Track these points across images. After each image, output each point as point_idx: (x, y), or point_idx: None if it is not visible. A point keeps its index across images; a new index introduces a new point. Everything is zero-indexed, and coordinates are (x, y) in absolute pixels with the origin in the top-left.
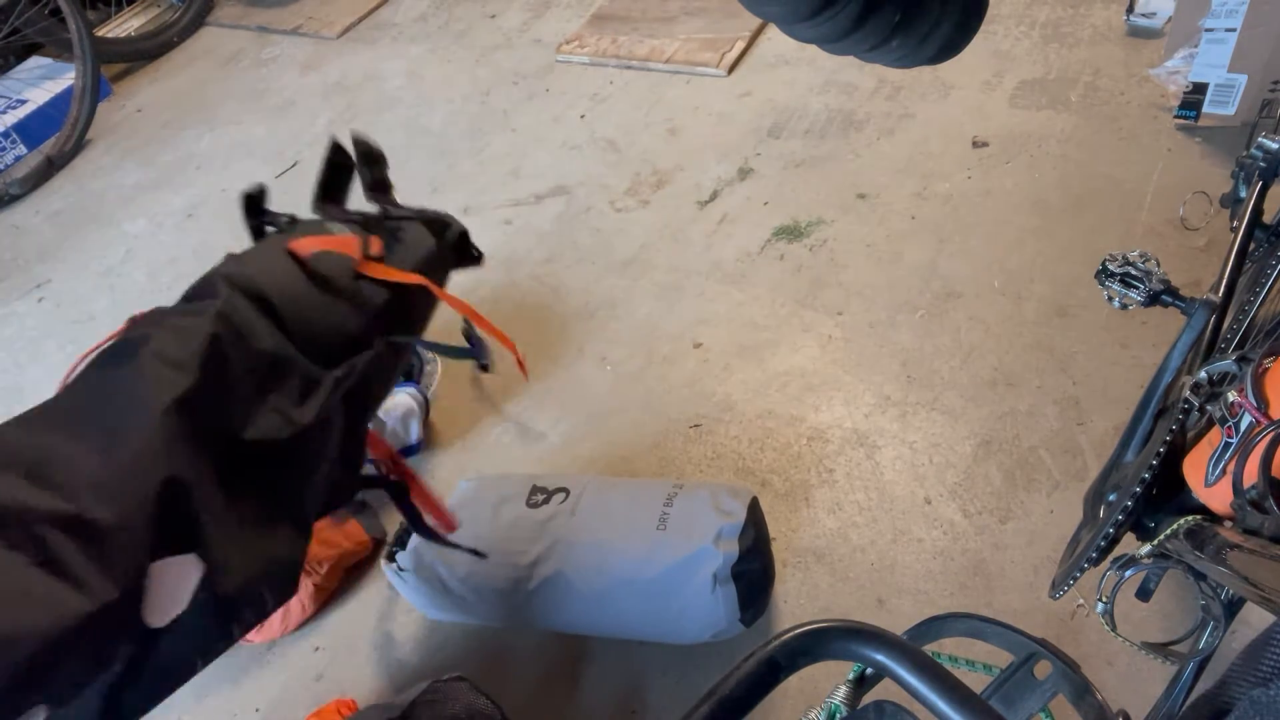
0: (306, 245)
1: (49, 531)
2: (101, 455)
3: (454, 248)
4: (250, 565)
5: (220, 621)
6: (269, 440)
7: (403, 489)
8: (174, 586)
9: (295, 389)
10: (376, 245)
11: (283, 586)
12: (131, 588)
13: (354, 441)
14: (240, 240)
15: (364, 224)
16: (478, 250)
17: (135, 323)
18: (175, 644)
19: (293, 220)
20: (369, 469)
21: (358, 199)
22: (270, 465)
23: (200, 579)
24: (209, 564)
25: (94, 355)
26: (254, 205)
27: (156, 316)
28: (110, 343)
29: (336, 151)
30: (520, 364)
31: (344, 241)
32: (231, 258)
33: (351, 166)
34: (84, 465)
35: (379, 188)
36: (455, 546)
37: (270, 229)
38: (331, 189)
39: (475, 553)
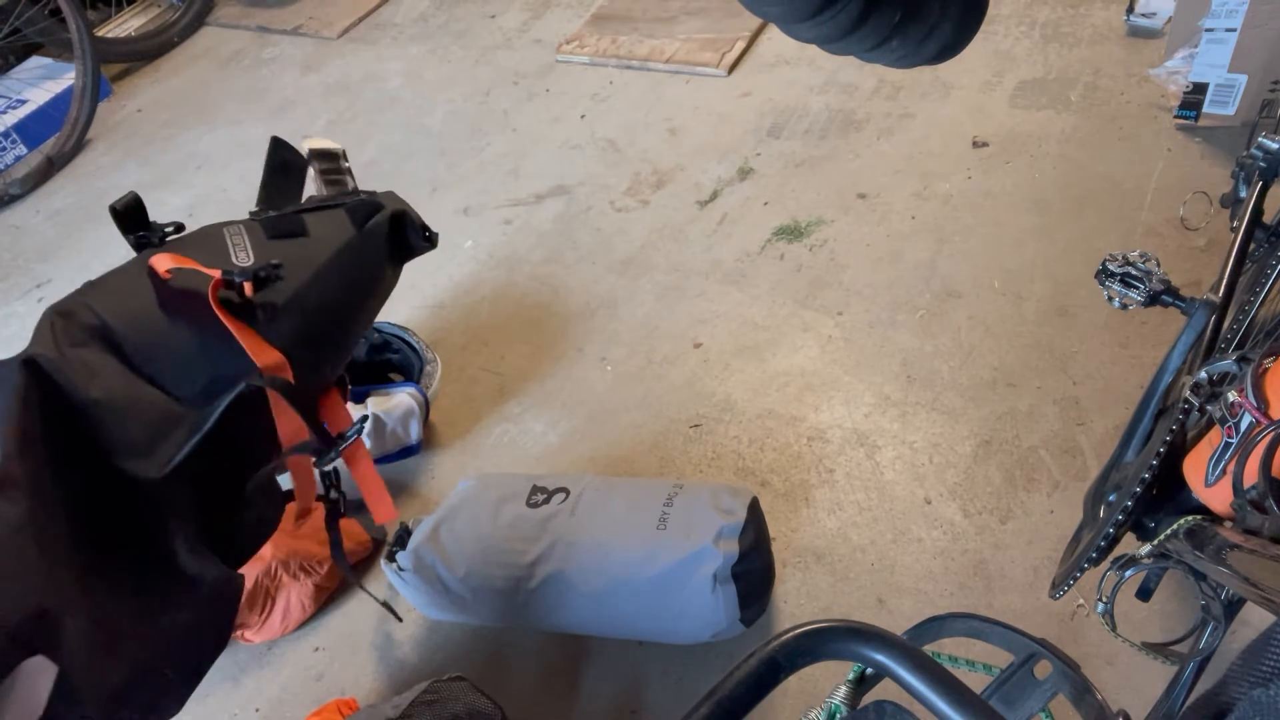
0: (165, 260)
1: None
2: None
3: (390, 234)
4: (109, 667)
5: None
6: (115, 498)
7: (338, 510)
8: (29, 693)
9: (140, 436)
10: (248, 289)
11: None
12: None
13: (245, 484)
14: None
15: (271, 222)
16: (429, 231)
17: None
18: None
19: (178, 228)
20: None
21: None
22: (122, 524)
23: (54, 683)
24: (61, 666)
25: None
26: (129, 219)
27: None
28: None
29: (276, 149)
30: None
31: (210, 271)
32: (88, 285)
33: (298, 163)
34: None
35: (331, 178)
36: (368, 593)
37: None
38: (274, 189)
39: (389, 610)
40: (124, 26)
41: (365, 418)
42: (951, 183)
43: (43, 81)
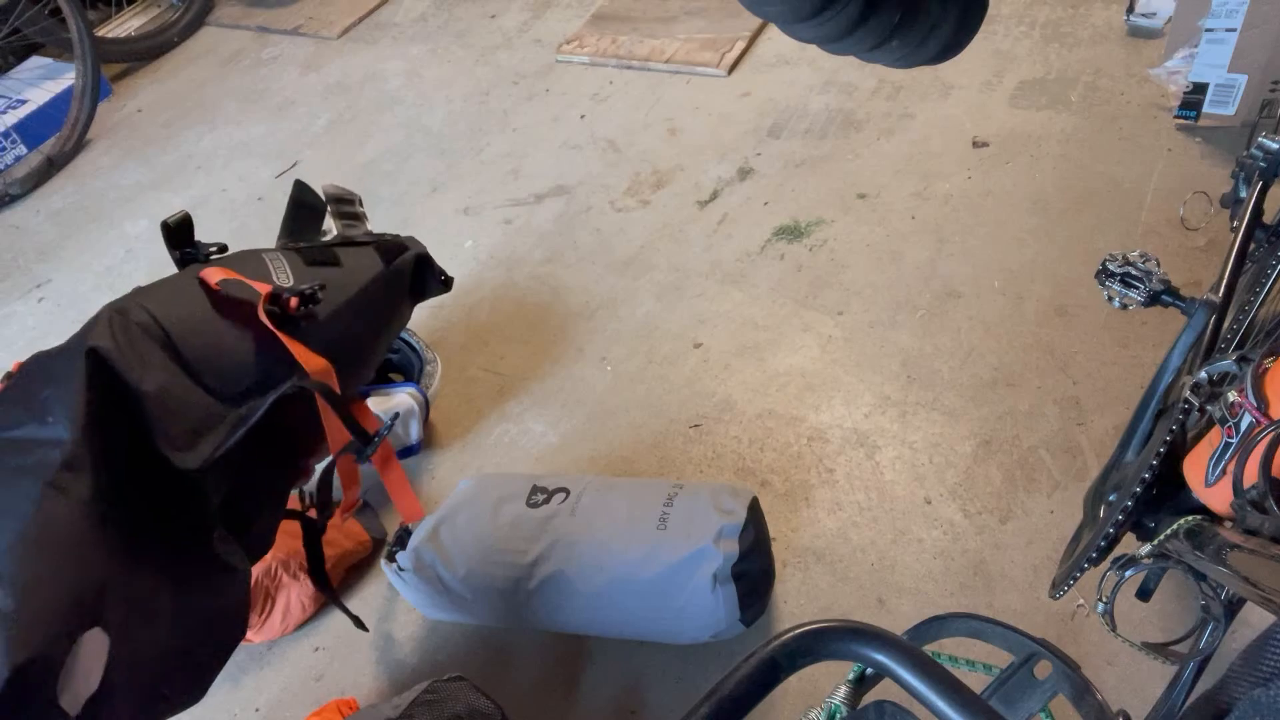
0: (216, 273)
1: None
2: None
3: (413, 271)
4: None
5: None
6: (159, 485)
7: (317, 529)
8: (87, 665)
9: (185, 429)
10: (293, 301)
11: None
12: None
13: (267, 487)
14: (241, 240)
15: (306, 251)
16: (445, 275)
17: (14, 374)
18: None
19: (221, 249)
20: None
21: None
22: (164, 509)
23: (108, 656)
24: (111, 638)
25: None
26: (178, 235)
27: (35, 365)
28: None
29: (300, 191)
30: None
31: (258, 285)
32: (138, 290)
33: (317, 205)
34: None
35: (347, 220)
36: (345, 610)
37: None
38: (297, 225)
39: (356, 621)
40: (124, 26)
41: (396, 415)
42: (951, 183)
43: (43, 81)
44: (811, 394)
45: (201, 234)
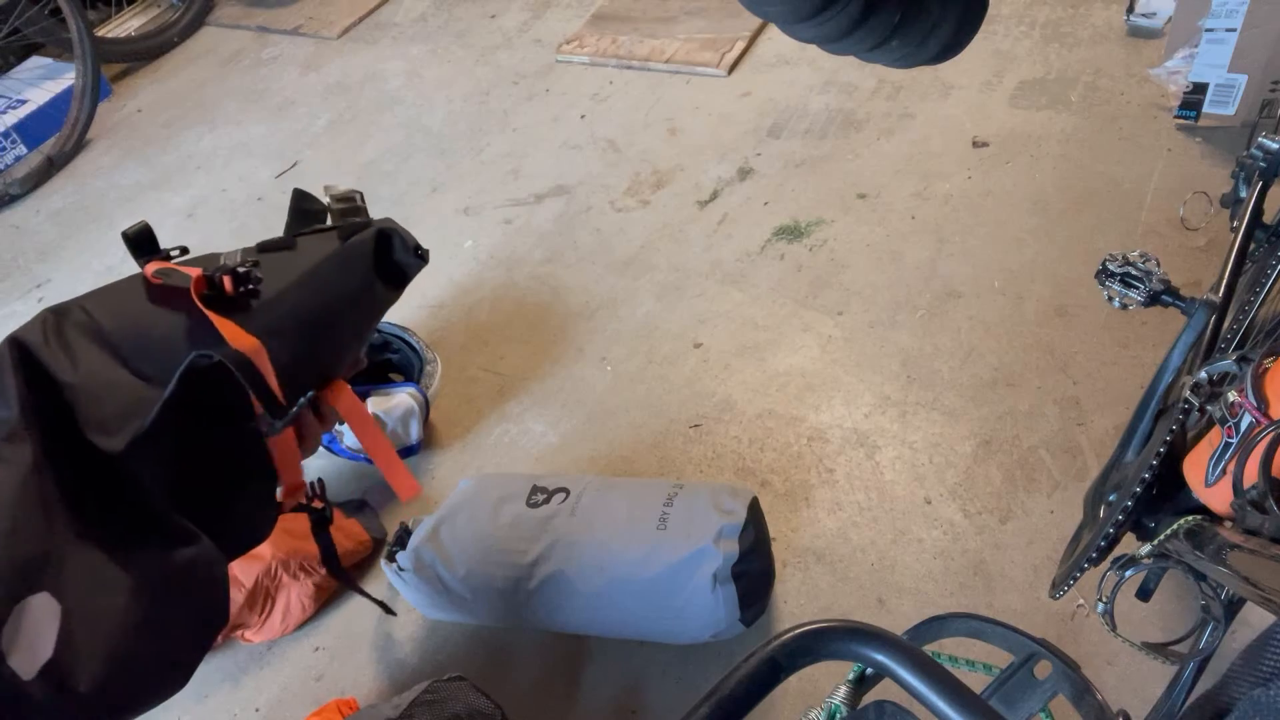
0: (155, 266)
1: None
2: None
3: (377, 247)
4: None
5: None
6: (94, 468)
7: (324, 518)
8: (35, 627)
9: (114, 414)
10: (227, 280)
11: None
12: None
13: (226, 468)
14: (241, 241)
15: (264, 243)
16: (420, 248)
17: None
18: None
19: (183, 250)
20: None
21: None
22: (105, 490)
23: (59, 623)
24: (64, 606)
25: None
26: (140, 245)
27: None
28: None
29: (299, 199)
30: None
31: (191, 271)
32: (86, 293)
33: (317, 209)
34: None
35: (349, 218)
36: (365, 594)
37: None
38: (299, 230)
39: (384, 606)
40: (124, 26)
41: (310, 395)
42: (951, 183)
43: (43, 81)
44: (811, 394)
45: (201, 234)
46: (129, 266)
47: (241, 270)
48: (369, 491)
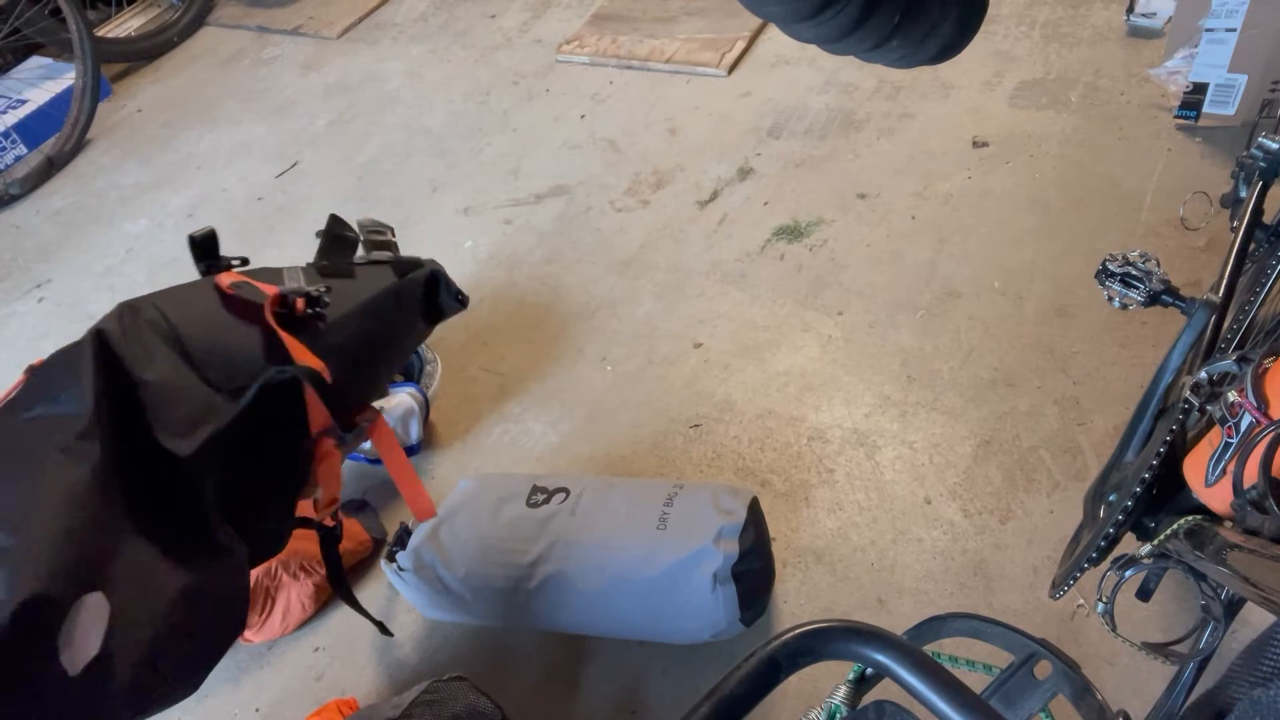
0: (229, 277)
1: None
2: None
3: (426, 288)
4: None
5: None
6: (158, 469)
7: (334, 535)
8: (88, 626)
9: (183, 418)
10: (300, 302)
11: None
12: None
13: (270, 483)
14: (241, 240)
15: (323, 266)
16: (461, 294)
17: (36, 368)
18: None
19: (244, 261)
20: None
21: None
22: (164, 491)
23: (108, 623)
24: (112, 606)
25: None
26: (204, 248)
27: (53, 358)
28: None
29: (334, 224)
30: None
31: (267, 288)
32: (156, 291)
33: (350, 236)
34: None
35: (379, 249)
36: (366, 614)
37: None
38: (331, 256)
39: (381, 627)
40: (124, 26)
41: (382, 408)
42: (951, 183)
43: (43, 81)
44: (811, 394)
45: None
46: (129, 267)
47: (314, 294)
48: (369, 491)
